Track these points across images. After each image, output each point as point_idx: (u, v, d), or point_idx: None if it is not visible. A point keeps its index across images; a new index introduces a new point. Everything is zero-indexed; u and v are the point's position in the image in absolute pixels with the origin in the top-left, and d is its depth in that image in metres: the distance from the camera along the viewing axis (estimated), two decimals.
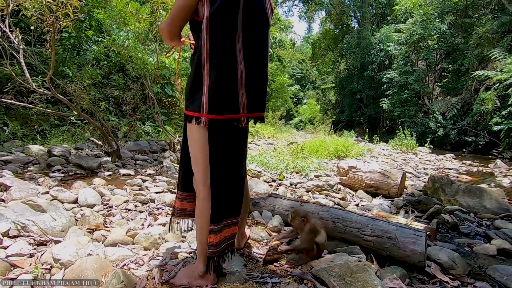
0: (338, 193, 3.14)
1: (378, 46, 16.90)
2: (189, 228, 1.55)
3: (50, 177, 3.20)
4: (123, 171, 3.71)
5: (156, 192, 2.81)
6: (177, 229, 1.50)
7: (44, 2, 2.84)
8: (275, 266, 1.47)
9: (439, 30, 12.90)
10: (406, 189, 3.48)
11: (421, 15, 13.11)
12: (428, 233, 1.93)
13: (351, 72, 20.37)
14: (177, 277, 1.27)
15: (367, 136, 9.17)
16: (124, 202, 2.46)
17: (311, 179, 3.66)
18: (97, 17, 6.78)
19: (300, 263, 1.50)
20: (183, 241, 1.70)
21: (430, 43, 13.06)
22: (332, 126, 13.45)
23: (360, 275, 1.21)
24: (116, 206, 2.36)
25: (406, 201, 2.76)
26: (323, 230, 1.57)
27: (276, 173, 3.95)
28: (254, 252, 1.61)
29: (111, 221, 2.02)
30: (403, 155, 7.31)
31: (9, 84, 3.78)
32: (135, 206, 2.42)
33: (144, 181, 3.25)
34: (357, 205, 2.79)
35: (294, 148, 5.98)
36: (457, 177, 4.89)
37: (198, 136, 1.19)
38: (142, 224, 2.01)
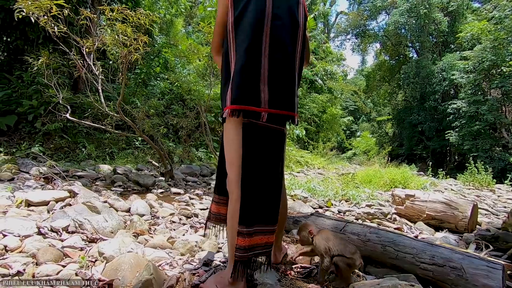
0: (393, 223, 2.81)
1: (440, 75, 15.78)
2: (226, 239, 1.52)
3: (111, 191, 3.53)
4: (174, 189, 3.92)
5: (201, 209, 2.88)
6: (213, 234, 1.48)
7: (121, 39, 3.36)
8: (315, 285, 1.33)
9: None
10: (480, 225, 2.95)
11: (491, 40, 12.00)
12: (508, 272, 1.58)
13: (410, 103, 19.15)
14: (207, 282, 1.23)
15: (430, 170, 8.22)
16: (170, 214, 2.56)
17: (362, 207, 3.37)
18: (164, 55, 7.75)
19: (339, 286, 1.33)
20: (219, 251, 1.67)
21: (505, 70, 11.72)
22: (389, 159, 12.48)
23: None
24: (162, 217, 2.46)
25: (479, 236, 2.33)
26: (338, 239, 1.38)
27: (323, 200, 3.74)
28: (291, 270, 1.50)
29: (155, 229, 2.11)
30: (477, 191, 6.33)
31: (89, 110, 4.43)
32: (180, 219, 2.49)
33: (191, 198, 3.37)
34: (416, 237, 2.44)
35: (345, 177, 5.65)
36: None
37: (233, 136, 1.21)
38: (183, 235, 2.05)
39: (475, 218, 2.76)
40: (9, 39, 5.98)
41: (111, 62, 3.84)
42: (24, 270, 1.23)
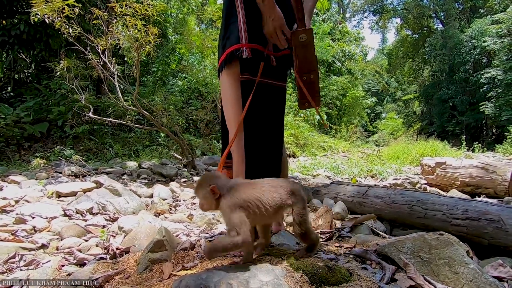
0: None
1: (470, 44, 14.66)
2: None
3: (136, 183, 3.65)
4: (196, 178, 3.97)
5: None
6: None
7: (132, 34, 3.42)
8: (335, 246, 1.27)
9: None
10: None
11: None
12: None
13: (438, 77, 18.02)
14: None
15: (464, 144, 7.67)
16: (191, 197, 2.58)
17: (389, 181, 3.21)
18: (178, 51, 7.85)
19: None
20: None
21: None
22: (418, 136, 11.86)
23: (442, 251, 0.93)
24: (183, 200, 2.49)
25: None
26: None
27: (348, 178, 3.62)
28: None
29: (176, 209, 2.13)
30: None
31: (110, 108, 4.59)
32: None
33: None
34: None
35: (370, 155, 5.42)
36: None
37: (231, 93, 1.16)
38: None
39: None
40: (34, 52, 6.33)
41: (128, 63, 3.95)
42: (48, 243, 1.28)
